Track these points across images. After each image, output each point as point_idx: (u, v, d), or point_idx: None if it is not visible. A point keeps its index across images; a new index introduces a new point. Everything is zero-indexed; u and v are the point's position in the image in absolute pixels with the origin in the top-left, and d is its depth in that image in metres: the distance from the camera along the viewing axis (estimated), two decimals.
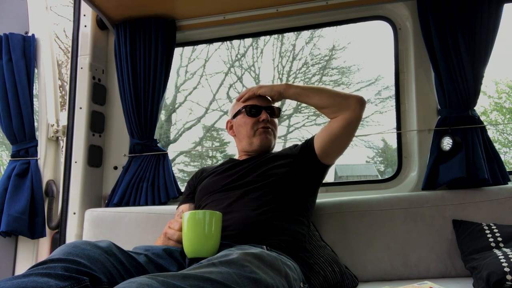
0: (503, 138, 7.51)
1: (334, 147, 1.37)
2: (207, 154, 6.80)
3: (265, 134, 1.46)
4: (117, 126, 2.10)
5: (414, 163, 1.81)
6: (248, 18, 1.98)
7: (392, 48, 1.91)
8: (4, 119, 2.01)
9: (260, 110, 1.46)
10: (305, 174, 1.39)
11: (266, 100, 1.50)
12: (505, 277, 1.10)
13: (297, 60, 6.62)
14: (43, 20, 2.14)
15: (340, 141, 1.36)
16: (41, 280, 0.72)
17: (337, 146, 1.37)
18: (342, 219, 1.59)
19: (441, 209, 1.55)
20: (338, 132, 1.33)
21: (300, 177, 1.38)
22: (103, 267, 0.86)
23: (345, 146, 1.39)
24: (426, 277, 1.45)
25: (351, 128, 1.33)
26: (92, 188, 2.01)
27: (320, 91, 1.37)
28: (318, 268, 1.38)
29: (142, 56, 1.96)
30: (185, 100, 6.56)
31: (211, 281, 0.73)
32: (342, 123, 1.32)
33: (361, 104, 1.32)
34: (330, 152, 1.38)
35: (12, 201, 1.93)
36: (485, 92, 7.28)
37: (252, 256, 0.87)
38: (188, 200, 1.53)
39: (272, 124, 1.49)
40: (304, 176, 1.38)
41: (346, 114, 1.31)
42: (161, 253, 1.05)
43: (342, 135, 1.34)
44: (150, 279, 0.69)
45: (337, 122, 1.33)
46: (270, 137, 1.47)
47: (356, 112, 1.31)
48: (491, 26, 1.66)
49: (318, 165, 1.40)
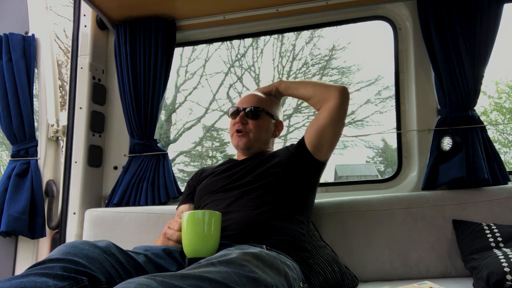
0: (503, 138, 7.51)
1: (323, 140, 1.38)
2: (207, 154, 6.80)
3: (237, 137, 1.47)
4: (117, 126, 2.10)
5: (414, 163, 1.81)
6: (248, 18, 1.98)
7: (392, 48, 1.91)
8: (4, 119, 2.01)
9: (238, 112, 1.48)
10: (301, 172, 1.38)
11: (249, 101, 1.49)
12: (505, 277, 1.09)
13: (297, 60, 6.63)
14: (43, 20, 2.14)
15: (328, 133, 1.37)
16: (40, 280, 0.72)
17: (326, 139, 1.38)
18: (342, 219, 1.59)
19: (441, 209, 1.55)
20: (324, 122, 1.36)
21: (297, 175, 1.37)
22: (102, 267, 0.86)
23: (334, 139, 1.40)
24: (426, 277, 1.45)
25: (336, 117, 1.36)
26: (92, 188, 2.01)
27: (305, 83, 1.49)
28: (318, 268, 1.38)
29: (142, 56, 1.96)
30: (185, 100, 6.56)
31: (210, 281, 0.73)
32: (326, 113, 1.36)
33: (343, 93, 1.37)
34: (321, 146, 1.38)
35: (12, 201, 1.93)
36: (485, 92, 7.29)
37: (251, 255, 0.87)
38: (188, 200, 1.53)
39: (250, 126, 1.47)
40: (301, 174, 1.38)
41: (329, 103, 1.37)
42: (161, 253, 1.05)
43: (328, 126, 1.36)
44: (149, 279, 0.69)
45: (322, 113, 1.38)
46: (242, 140, 1.46)
47: (337, 100, 1.36)
48: (491, 26, 1.66)
49: (313, 162, 1.39)
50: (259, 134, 1.48)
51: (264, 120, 1.49)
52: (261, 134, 1.49)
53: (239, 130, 1.46)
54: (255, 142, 1.47)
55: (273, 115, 1.52)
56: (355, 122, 6.27)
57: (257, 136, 1.47)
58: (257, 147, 1.49)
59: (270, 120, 1.52)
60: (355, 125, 6.28)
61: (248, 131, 1.46)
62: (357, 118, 6.22)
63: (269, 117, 1.51)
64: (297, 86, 1.50)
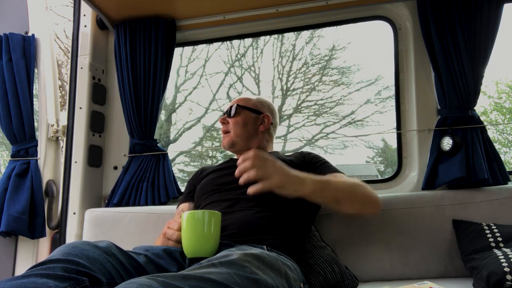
0: (503, 138, 7.51)
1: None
2: (207, 154, 6.79)
3: (223, 138, 1.54)
4: (117, 126, 2.10)
5: (414, 163, 1.81)
6: (248, 18, 1.98)
7: (392, 48, 1.91)
8: (4, 119, 2.01)
9: (224, 113, 1.54)
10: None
11: (232, 102, 1.56)
12: (505, 277, 1.09)
13: (297, 60, 6.62)
14: (43, 20, 2.13)
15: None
16: (40, 281, 0.72)
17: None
18: (342, 219, 1.59)
19: (441, 209, 1.55)
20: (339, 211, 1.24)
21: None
22: (103, 268, 0.86)
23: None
24: (426, 277, 1.45)
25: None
26: (92, 188, 2.01)
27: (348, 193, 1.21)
28: (318, 268, 1.38)
29: (142, 56, 1.96)
30: (185, 100, 6.55)
31: (211, 282, 0.73)
32: (351, 213, 1.24)
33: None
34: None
35: (12, 201, 1.93)
36: (485, 92, 7.28)
37: (252, 256, 0.87)
38: (188, 199, 1.53)
39: (230, 124, 1.52)
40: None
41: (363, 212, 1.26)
42: (161, 253, 1.05)
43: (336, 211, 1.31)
44: (150, 279, 0.69)
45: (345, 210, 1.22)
46: (225, 140, 1.53)
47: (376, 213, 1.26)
48: (491, 26, 1.66)
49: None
50: (239, 130, 1.51)
51: (243, 116, 1.53)
52: (241, 129, 1.51)
53: (224, 131, 1.53)
54: (237, 138, 1.50)
55: (255, 110, 1.55)
56: (355, 122, 6.27)
57: (237, 132, 1.51)
58: (242, 143, 1.51)
59: (251, 114, 1.53)
60: (355, 125, 6.27)
61: (230, 130, 1.52)
62: (357, 118, 6.22)
63: (250, 112, 1.54)
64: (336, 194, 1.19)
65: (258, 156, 1.05)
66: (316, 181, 1.14)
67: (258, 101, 1.59)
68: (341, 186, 1.20)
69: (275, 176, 1.05)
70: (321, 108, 6.49)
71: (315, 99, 6.51)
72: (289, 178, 1.08)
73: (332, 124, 6.39)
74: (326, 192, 1.15)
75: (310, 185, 1.11)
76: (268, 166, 1.05)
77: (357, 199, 1.22)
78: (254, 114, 1.54)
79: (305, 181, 1.11)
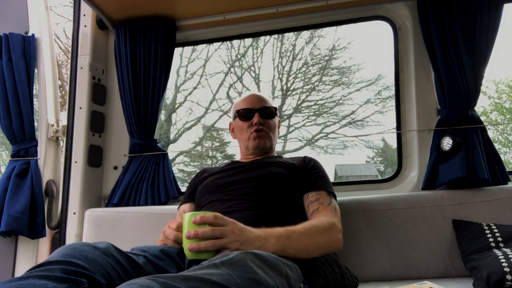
0: (503, 138, 7.51)
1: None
2: (207, 154, 6.79)
3: (258, 139, 1.46)
4: (117, 126, 2.10)
5: (414, 163, 1.81)
6: (248, 18, 1.98)
7: (392, 48, 1.91)
8: (4, 119, 2.01)
9: (253, 113, 1.48)
10: (304, 184, 1.39)
11: (260, 100, 1.51)
12: (505, 277, 1.09)
13: (297, 60, 6.63)
14: (43, 20, 2.13)
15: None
16: (39, 282, 0.72)
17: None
18: (342, 219, 1.58)
19: (441, 209, 1.55)
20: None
21: (299, 185, 1.38)
22: (102, 269, 0.85)
23: None
24: (426, 277, 1.45)
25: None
26: (92, 188, 2.01)
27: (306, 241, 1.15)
28: (318, 268, 1.38)
29: (142, 56, 1.96)
30: (185, 100, 6.56)
31: (212, 283, 0.72)
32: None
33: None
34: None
35: (12, 201, 1.93)
36: (485, 92, 7.28)
37: (253, 255, 0.87)
38: (189, 200, 1.53)
39: (267, 126, 1.49)
40: (303, 184, 1.39)
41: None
42: (159, 254, 1.05)
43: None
44: (151, 280, 0.69)
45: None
46: (263, 140, 1.47)
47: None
48: (491, 26, 1.66)
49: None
50: (273, 133, 1.52)
51: (275, 120, 1.55)
52: (274, 133, 1.53)
53: (259, 130, 1.46)
54: (272, 141, 1.51)
55: (277, 114, 1.57)
56: (355, 122, 6.27)
57: (272, 135, 1.52)
58: (272, 147, 1.53)
59: (277, 118, 1.57)
60: (355, 125, 6.28)
61: (267, 131, 1.49)
62: (357, 118, 6.23)
63: (276, 116, 1.56)
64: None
65: (218, 223, 0.98)
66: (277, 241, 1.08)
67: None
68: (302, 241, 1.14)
69: (233, 244, 0.98)
70: (321, 108, 6.50)
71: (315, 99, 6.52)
72: (249, 243, 1.02)
73: (332, 124, 6.40)
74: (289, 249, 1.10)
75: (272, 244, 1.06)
76: (226, 233, 0.97)
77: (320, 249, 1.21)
78: (278, 118, 1.57)
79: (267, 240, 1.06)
